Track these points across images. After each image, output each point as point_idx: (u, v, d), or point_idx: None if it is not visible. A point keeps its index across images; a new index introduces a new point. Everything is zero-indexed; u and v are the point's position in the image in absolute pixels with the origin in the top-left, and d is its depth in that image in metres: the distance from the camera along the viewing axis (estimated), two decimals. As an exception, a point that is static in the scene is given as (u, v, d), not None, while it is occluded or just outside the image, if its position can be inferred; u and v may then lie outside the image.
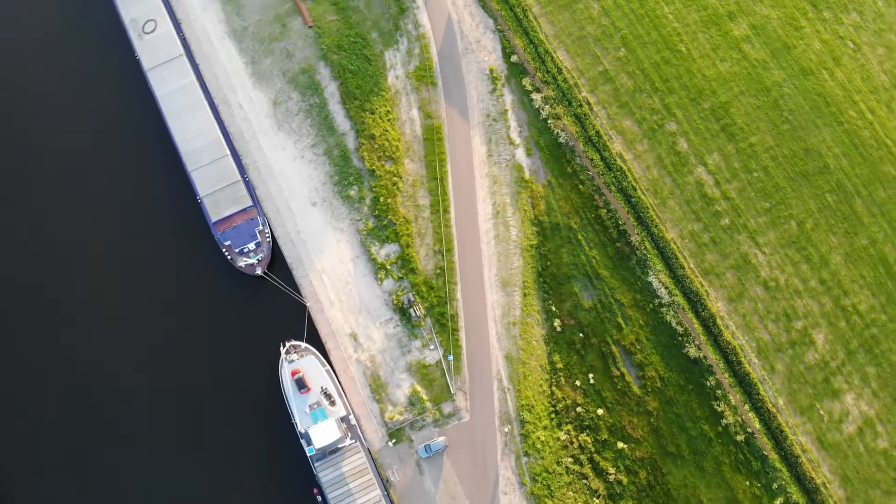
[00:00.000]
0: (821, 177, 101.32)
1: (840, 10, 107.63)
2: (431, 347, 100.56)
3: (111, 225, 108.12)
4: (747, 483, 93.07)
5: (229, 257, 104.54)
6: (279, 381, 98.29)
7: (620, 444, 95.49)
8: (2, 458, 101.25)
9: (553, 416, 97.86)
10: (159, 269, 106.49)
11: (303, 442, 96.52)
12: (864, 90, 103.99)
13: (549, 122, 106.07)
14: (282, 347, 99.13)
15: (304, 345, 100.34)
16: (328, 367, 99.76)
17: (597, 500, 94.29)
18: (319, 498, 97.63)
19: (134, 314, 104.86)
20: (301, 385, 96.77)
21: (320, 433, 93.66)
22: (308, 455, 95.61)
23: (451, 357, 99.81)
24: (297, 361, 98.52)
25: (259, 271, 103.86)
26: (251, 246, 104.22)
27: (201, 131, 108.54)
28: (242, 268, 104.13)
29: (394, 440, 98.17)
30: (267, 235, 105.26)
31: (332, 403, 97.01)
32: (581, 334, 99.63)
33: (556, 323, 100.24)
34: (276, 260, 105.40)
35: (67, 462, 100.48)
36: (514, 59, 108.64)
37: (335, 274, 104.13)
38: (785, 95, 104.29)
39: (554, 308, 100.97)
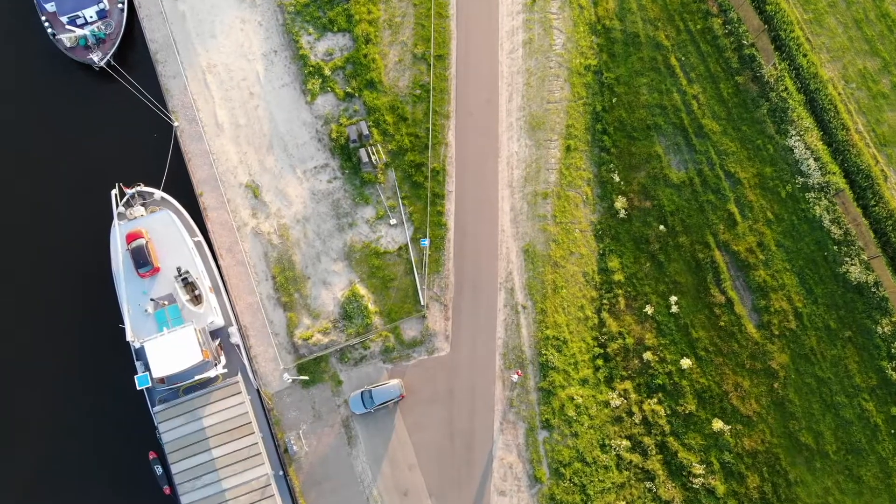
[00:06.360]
0: None
1: None
2: (393, 222, 56.37)
3: None
4: (938, 514, 51.91)
5: (52, 33, 59.34)
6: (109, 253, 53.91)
7: (718, 425, 53.18)
8: None
9: (600, 362, 54.90)
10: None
11: (138, 364, 52.37)
12: None
13: None
14: (115, 194, 53.94)
15: (158, 193, 56.33)
16: (199, 237, 55.49)
17: (668, 522, 52.10)
18: (158, 469, 53.43)
19: None
20: (141, 261, 52.35)
21: (165, 351, 49.61)
22: (141, 388, 50.99)
23: (426, 242, 55.83)
24: (140, 220, 53.89)
25: (99, 60, 58.64)
26: (90, 14, 60.32)
27: None
28: (72, 52, 59.25)
29: (306, 377, 54.05)
30: (119, 1, 59.71)
31: (197, 300, 52.71)
32: (662, 227, 56.51)
33: (620, 203, 56.85)
34: (133, 45, 62.60)
35: None
36: None
37: (232, 78, 59.18)
38: None
39: (617, 178, 57.61)
